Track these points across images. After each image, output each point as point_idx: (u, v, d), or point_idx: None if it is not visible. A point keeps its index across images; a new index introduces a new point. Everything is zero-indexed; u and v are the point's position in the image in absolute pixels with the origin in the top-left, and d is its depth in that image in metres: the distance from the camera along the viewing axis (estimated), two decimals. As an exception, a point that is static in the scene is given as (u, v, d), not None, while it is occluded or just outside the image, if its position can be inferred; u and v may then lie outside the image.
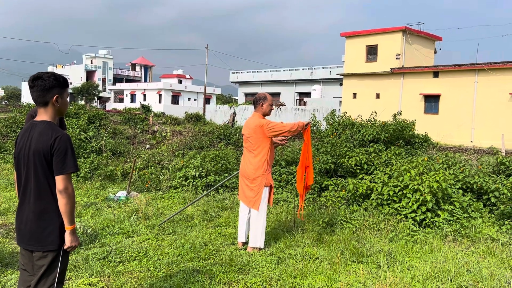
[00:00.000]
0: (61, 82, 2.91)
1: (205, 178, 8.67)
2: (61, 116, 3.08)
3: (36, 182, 2.84)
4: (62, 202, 2.79)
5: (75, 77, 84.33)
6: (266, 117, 5.54)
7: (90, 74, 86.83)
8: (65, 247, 2.86)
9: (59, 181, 2.78)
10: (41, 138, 2.80)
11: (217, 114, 47.22)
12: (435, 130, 24.52)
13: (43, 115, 2.90)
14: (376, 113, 10.96)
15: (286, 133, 5.40)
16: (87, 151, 11.36)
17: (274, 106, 6.63)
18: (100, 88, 76.76)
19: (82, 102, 57.32)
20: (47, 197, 2.84)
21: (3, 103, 73.08)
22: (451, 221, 6.24)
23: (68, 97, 3.04)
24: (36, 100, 2.89)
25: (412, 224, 6.21)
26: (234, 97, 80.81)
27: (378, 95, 32.51)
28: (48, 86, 2.85)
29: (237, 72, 61.79)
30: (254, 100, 5.58)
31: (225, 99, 79.03)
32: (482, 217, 6.71)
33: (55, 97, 2.88)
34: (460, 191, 7.16)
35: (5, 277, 4.33)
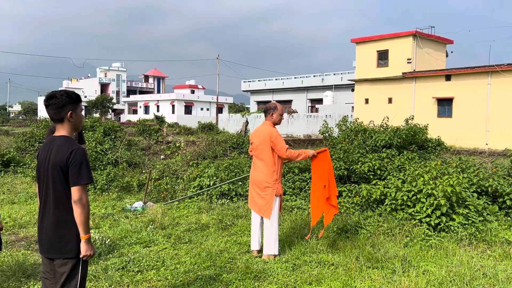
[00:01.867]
0: (73, 98, 3.08)
1: (219, 187, 8.76)
2: (77, 130, 3.23)
3: (54, 194, 2.98)
4: (77, 212, 2.93)
5: (90, 90, 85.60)
6: (276, 126, 5.64)
7: (104, 87, 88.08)
8: (81, 255, 2.98)
9: (74, 192, 2.92)
10: (59, 152, 2.97)
11: (230, 123, 47.46)
12: (449, 133, 24.32)
13: (61, 131, 3.07)
14: (388, 118, 10.97)
15: (283, 157, 5.42)
16: (104, 163, 11.55)
17: (284, 116, 6.73)
18: (114, 100, 77.76)
19: (97, 115, 58.07)
20: (65, 208, 2.98)
21: (20, 117, 74.42)
22: (466, 225, 6.23)
23: (83, 111, 3.19)
24: (52, 118, 3.06)
25: (427, 229, 6.21)
26: (246, 106, 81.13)
27: (390, 100, 32.40)
28: (62, 103, 3.01)
29: (248, 81, 62.11)
30: (264, 109, 5.70)
31: (238, 108, 79.43)
32: (497, 220, 6.67)
33: (69, 113, 3.04)
34: (475, 194, 7.14)
35: (28, 288, 4.46)
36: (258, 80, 60.88)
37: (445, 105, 29.68)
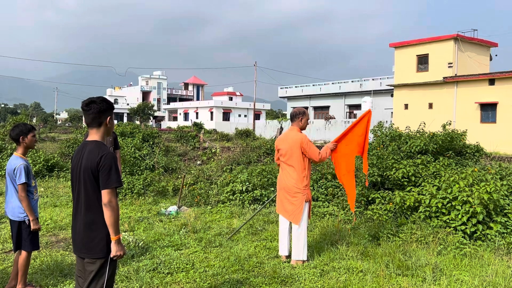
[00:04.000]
0: (111, 105, 3.26)
1: (251, 193, 8.84)
2: (109, 136, 3.37)
3: (85, 196, 3.12)
4: (107, 214, 3.05)
5: (132, 98, 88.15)
6: (302, 131, 5.65)
7: (145, 94, 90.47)
8: (112, 255, 3.10)
9: (104, 195, 3.05)
10: (90, 156, 3.10)
11: (267, 130, 47.59)
12: (493, 139, 23.43)
13: (94, 135, 3.21)
14: (424, 124, 10.71)
15: (317, 161, 5.48)
16: (141, 168, 11.89)
17: (321, 122, 6.73)
18: (155, 107, 79.67)
19: (137, 122, 59.65)
20: (95, 210, 3.11)
21: (67, 124, 77.48)
22: (505, 234, 6.00)
23: (125, 118, 3.36)
24: (91, 122, 3.20)
25: (462, 237, 6.03)
26: (283, 112, 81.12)
27: (431, 105, 31.54)
28: (103, 109, 3.18)
29: (285, 87, 62.11)
30: (292, 114, 5.68)
31: (275, 114, 79.52)
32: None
33: (108, 118, 3.20)
34: (515, 202, 6.85)
35: (64, 287, 4.67)
36: (295, 86, 60.78)
37: (488, 110, 28.60)
